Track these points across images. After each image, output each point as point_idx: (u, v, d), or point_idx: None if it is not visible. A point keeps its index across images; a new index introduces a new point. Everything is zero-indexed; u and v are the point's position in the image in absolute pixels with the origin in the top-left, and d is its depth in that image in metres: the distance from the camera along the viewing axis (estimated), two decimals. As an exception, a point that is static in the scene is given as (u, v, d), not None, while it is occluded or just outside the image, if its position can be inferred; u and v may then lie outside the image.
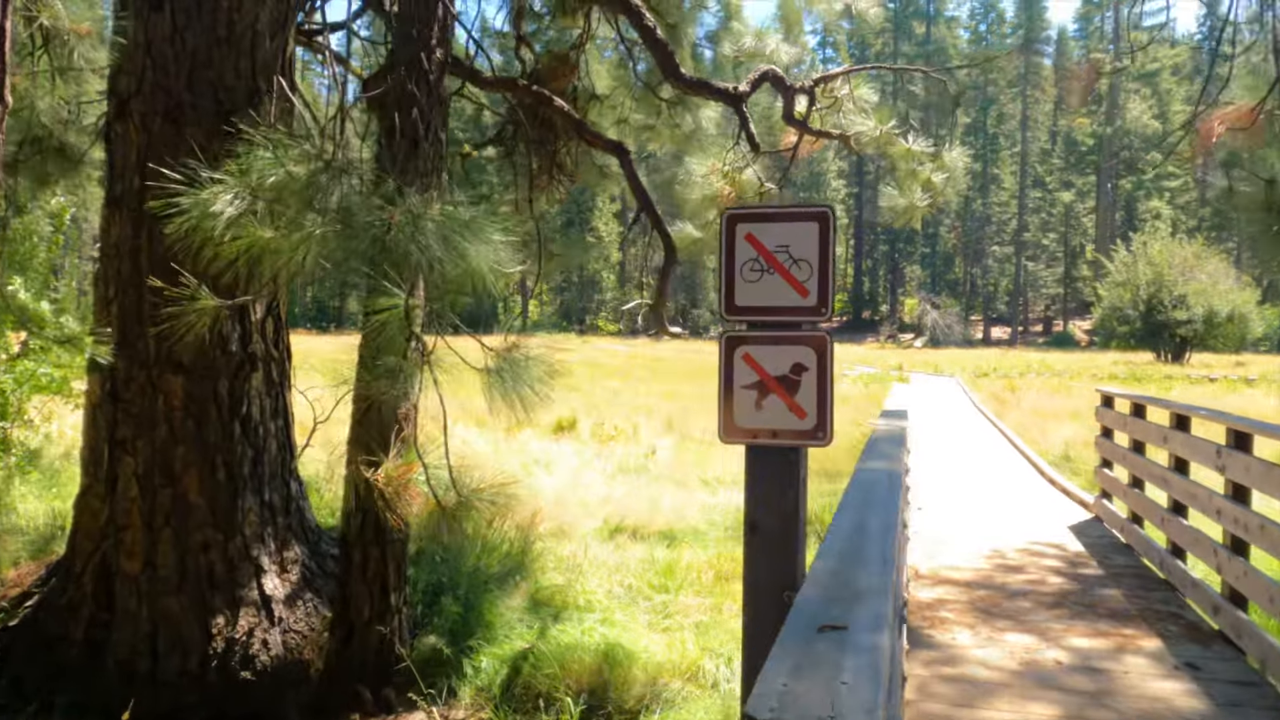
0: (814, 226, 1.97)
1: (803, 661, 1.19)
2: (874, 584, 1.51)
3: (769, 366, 1.85)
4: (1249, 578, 4.37)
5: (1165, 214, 76.53)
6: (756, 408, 1.85)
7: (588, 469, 11.96)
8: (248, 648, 5.62)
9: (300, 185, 3.15)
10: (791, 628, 1.32)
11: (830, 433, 1.85)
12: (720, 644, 5.96)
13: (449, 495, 3.62)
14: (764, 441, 1.83)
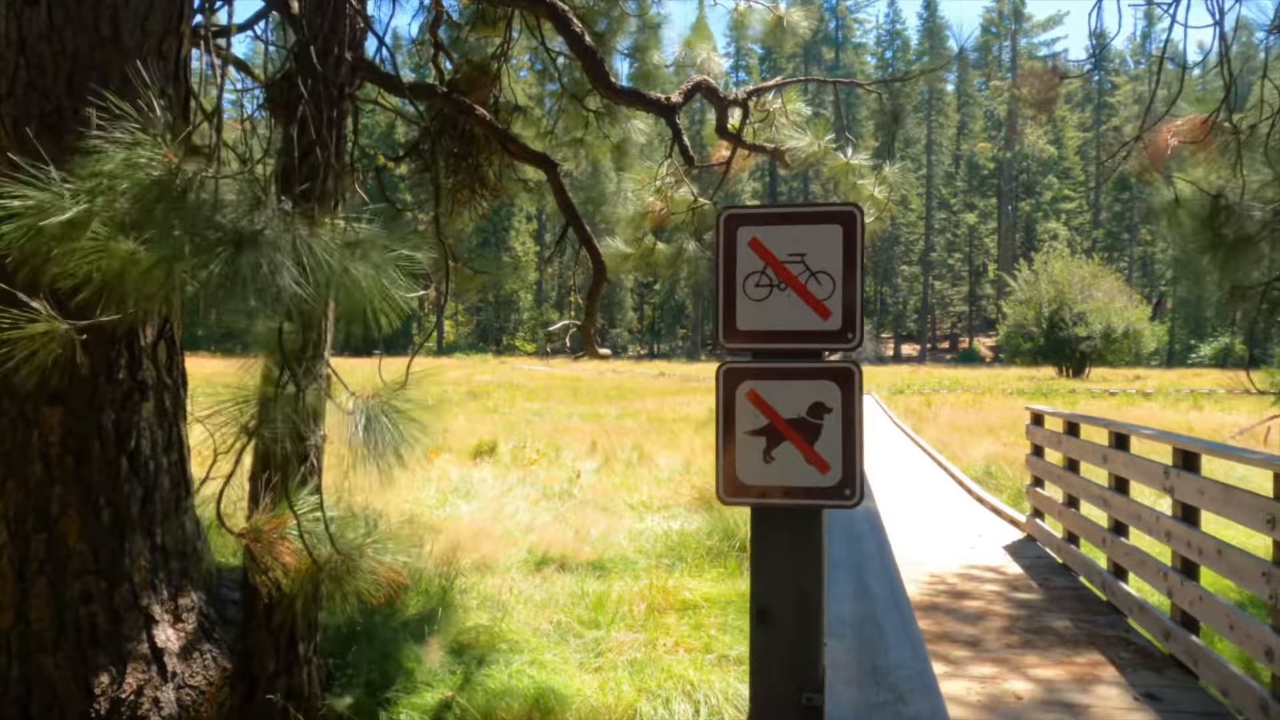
0: (837, 230, 1.59)
1: None
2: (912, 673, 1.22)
3: (781, 407, 1.51)
4: (1204, 603, 4.26)
5: (1062, 235, 79.98)
6: (765, 459, 1.50)
7: (510, 495, 11.53)
8: (136, 708, 5.04)
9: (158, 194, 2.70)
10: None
11: (860, 490, 1.50)
12: (657, 684, 5.63)
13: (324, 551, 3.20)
14: (775, 502, 1.48)
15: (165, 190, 2.56)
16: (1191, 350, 69.66)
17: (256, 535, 3.03)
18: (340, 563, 3.17)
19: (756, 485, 1.47)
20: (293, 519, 3.16)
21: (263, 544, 3.02)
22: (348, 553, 3.17)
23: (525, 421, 20.41)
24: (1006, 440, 16.53)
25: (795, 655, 1.36)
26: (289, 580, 3.11)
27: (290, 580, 3.11)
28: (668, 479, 12.92)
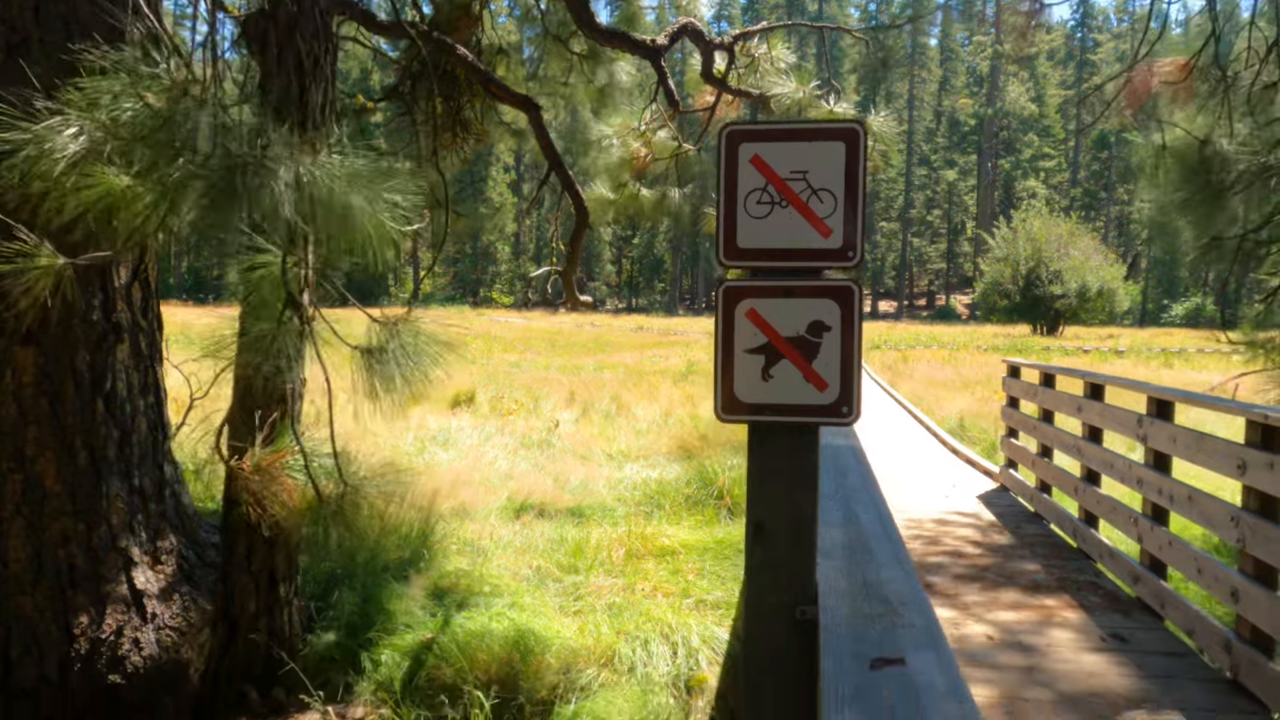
0: (839, 148, 1.56)
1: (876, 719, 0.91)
2: (904, 589, 1.25)
3: (780, 325, 1.50)
4: (1173, 548, 4.36)
5: (1041, 193, 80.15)
6: (763, 378, 1.50)
7: (488, 444, 11.54)
8: (116, 648, 5.05)
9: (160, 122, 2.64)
10: (837, 666, 1.04)
11: (858, 408, 1.51)
12: (635, 626, 5.71)
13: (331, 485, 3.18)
14: (773, 419, 1.49)
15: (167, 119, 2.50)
16: (1164, 310, 70.54)
17: (256, 470, 3.01)
18: (343, 496, 3.16)
19: (754, 403, 1.47)
20: (292, 453, 3.13)
21: (263, 478, 3.00)
22: (353, 486, 3.17)
23: (503, 372, 20.38)
24: (981, 396, 16.71)
25: (790, 570, 1.38)
26: (289, 515, 3.09)
27: (291, 515, 3.10)
28: (646, 429, 12.98)
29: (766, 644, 1.39)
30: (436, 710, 4.89)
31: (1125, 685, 3.81)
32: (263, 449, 3.22)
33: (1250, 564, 3.67)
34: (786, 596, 1.37)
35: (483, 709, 4.79)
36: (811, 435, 1.46)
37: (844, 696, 0.99)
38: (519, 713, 4.93)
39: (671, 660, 5.45)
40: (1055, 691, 3.78)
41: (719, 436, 11.56)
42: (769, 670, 1.37)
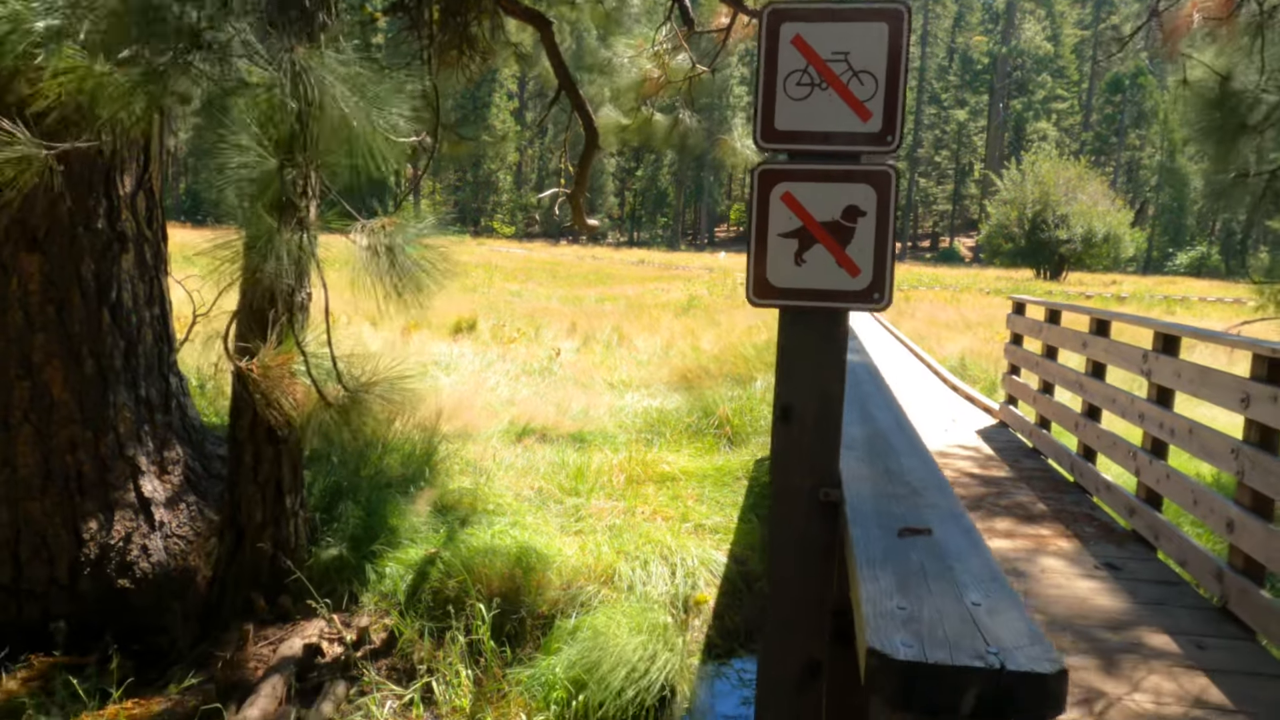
0: (882, 29, 1.51)
1: (906, 577, 0.94)
2: (925, 475, 1.26)
3: (815, 210, 1.48)
4: (1171, 480, 4.41)
5: (1051, 135, 79.02)
6: (796, 262, 1.49)
7: (490, 370, 11.58)
8: (125, 554, 5.14)
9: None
10: (865, 534, 1.06)
11: (889, 294, 1.51)
12: (635, 547, 5.80)
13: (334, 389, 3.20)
14: (804, 304, 1.49)
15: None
16: (1169, 258, 70.19)
17: (264, 371, 3.02)
18: (346, 400, 3.18)
19: (786, 287, 1.47)
20: (297, 358, 3.14)
21: (271, 379, 3.01)
22: (355, 391, 3.18)
23: (504, 301, 20.35)
24: (982, 336, 16.72)
25: (815, 452, 1.39)
26: (297, 414, 3.11)
27: (298, 415, 3.12)
28: (647, 360, 13.01)
29: (791, 524, 1.41)
30: (440, 621, 4.99)
31: (1115, 610, 3.89)
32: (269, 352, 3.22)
33: (1248, 495, 3.72)
34: (811, 479, 1.39)
35: (485, 621, 4.89)
36: (842, 321, 1.46)
37: (875, 559, 1.01)
38: (520, 625, 5.03)
39: (670, 580, 5.55)
40: (1046, 615, 3.86)
41: (720, 369, 11.60)
42: (793, 548, 1.40)
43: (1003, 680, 0.77)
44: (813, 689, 1.35)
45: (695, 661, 5.03)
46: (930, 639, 0.81)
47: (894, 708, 0.79)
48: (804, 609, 1.39)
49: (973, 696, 0.77)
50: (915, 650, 0.79)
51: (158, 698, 4.46)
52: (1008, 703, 0.77)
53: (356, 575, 5.33)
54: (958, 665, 0.78)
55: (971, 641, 0.81)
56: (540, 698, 4.47)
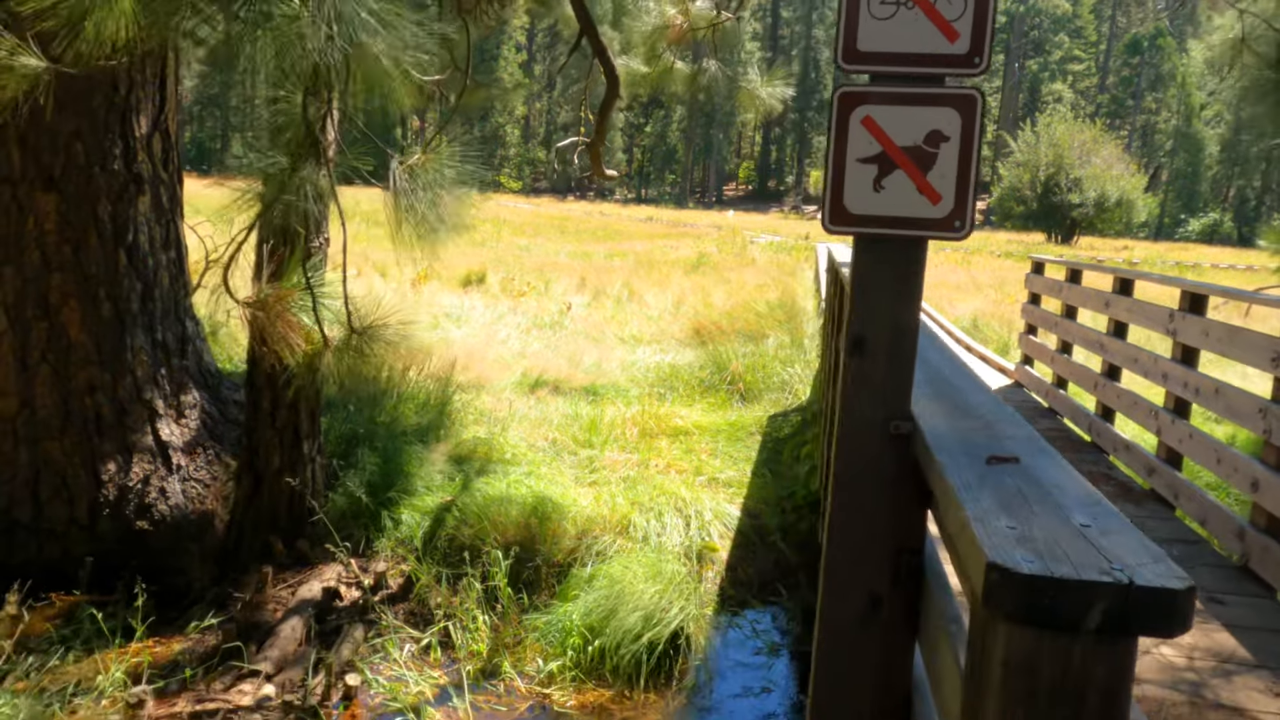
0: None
1: (1006, 500, 0.92)
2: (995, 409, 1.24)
3: (896, 134, 1.42)
4: (1193, 440, 4.39)
5: (1066, 97, 77.97)
6: (875, 188, 1.44)
7: (501, 323, 11.55)
8: (143, 496, 5.16)
9: None
10: (953, 461, 1.04)
11: (970, 223, 1.47)
12: (650, 499, 5.81)
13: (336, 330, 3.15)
14: (880, 232, 1.45)
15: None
16: (1181, 224, 69.57)
17: (261, 305, 2.96)
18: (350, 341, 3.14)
19: (863, 214, 1.43)
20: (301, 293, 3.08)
21: (267, 316, 2.96)
22: (360, 332, 3.14)
23: (513, 255, 20.25)
24: (993, 298, 16.62)
25: (887, 385, 1.37)
26: (294, 355, 3.06)
27: (296, 357, 3.08)
28: (658, 316, 12.96)
29: (859, 456, 1.39)
30: (456, 568, 5.02)
31: (1137, 567, 3.90)
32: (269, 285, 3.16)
33: (1274, 454, 3.70)
34: (882, 411, 1.37)
35: (501, 568, 4.92)
36: (920, 250, 1.43)
37: (971, 483, 0.99)
38: (536, 573, 5.06)
39: (684, 532, 5.57)
40: (1068, 570, 3.87)
41: (732, 325, 11.56)
42: (862, 481, 1.38)
43: (1131, 595, 0.76)
44: (875, 624, 1.34)
45: (709, 612, 5.06)
46: (1050, 555, 0.80)
47: (1016, 623, 0.77)
48: (869, 543, 1.38)
49: (1099, 612, 0.76)
50: (1038, 565, 0.77)
51: (178, 637, 4.51)
52: (1136, 618, 0.76)
53: (373, 521, 5.36)
54: (1084, 579, 0.77)
55: (1093, 558, 0.80)
56: (557, 644, 4.51)
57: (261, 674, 4.02)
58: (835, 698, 1.44)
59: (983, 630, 0.83)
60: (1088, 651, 0.78)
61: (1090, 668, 0.77)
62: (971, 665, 0.87)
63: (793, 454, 6.87)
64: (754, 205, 75.63)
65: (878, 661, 1.39)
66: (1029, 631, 0.78)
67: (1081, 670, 0.78)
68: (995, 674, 0.80)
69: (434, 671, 4.36)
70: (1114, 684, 0.78)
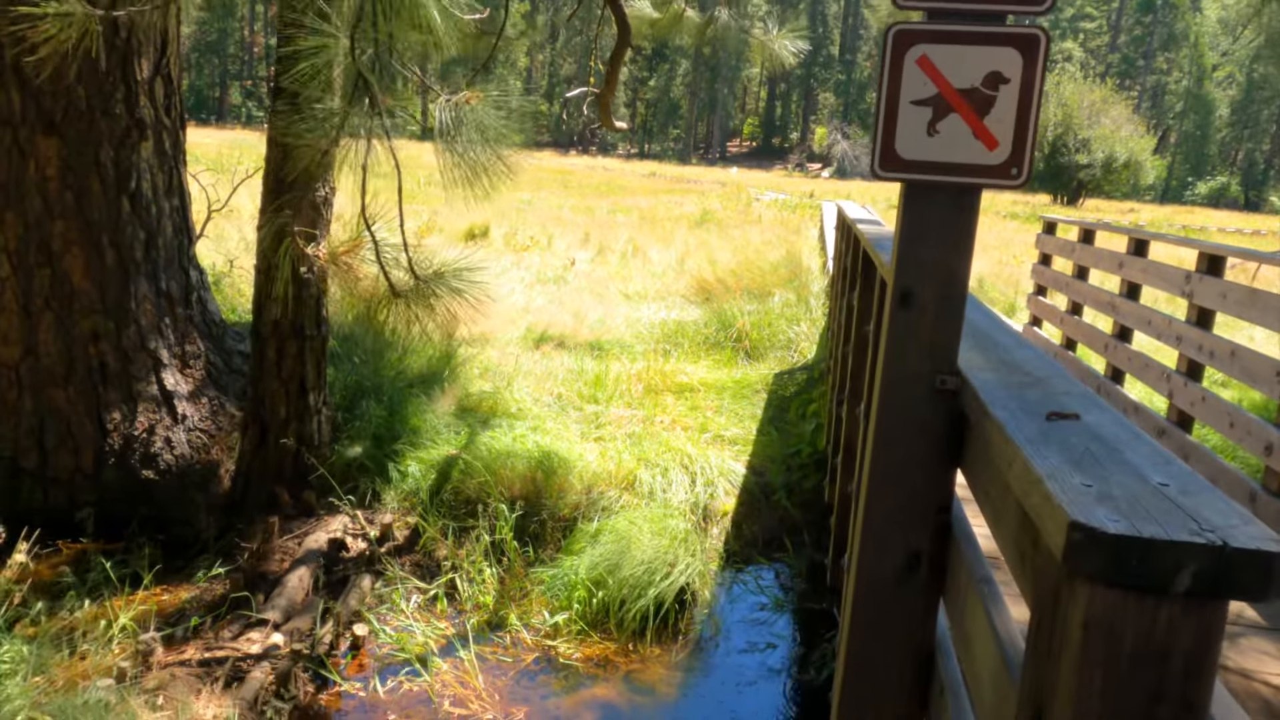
0: None
1: (1075, 458, 0.88)
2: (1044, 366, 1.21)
3: (953, 75, 1.36)
4: (1206, 403, 4.36)
5: (1077, 56, 76.90)
6: (929, 132, 1.38)
7: (505, 277, 11.47)
8: (149, 446, 5.16)
9: None
10: (1012, 417, 1.01)
11: (1028, 170, 1.41)
12: (655, 455, 5.80)
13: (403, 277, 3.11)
14: (933, 178, 1.38)
15: None
16: (1188, 187, 69.01)
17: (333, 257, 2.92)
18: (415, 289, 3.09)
19: (915, 159, 1.37)
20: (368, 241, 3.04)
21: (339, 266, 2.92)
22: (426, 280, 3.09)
23: (515, 210, 20.08)
24: (999, 259, 16.51)
25: (934, 338, 1.33)
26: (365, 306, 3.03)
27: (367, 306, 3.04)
28: (662, 273, 12.88)
29: (904, 411, 1.35)
30: (462, 521, 5.03)
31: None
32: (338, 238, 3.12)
33: (1289, 419, 3.68)
34: (929, 365, 1.33)
35: (507, 522, 4.92)
36: (974, 198, 1.37)
37: (1034, 439, 0.96)
38: (542, 527, 5.07)
39: (690, 489, 5.57)
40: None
41: (737, 283, 11.49)
42: (905, 437, 1.35)
43: (1225, 557, 0.73)
44: (913, 582, 1.32)
45: (714, 567, 5.08)
46: (1134, 514, 0.76)
47: (1103, 584, 0.74)
48: (910, 500, 1.35)
49: (1189, 574, 0.73)
50: (1124, 525, 0.74)
51: (185, 585, 4.52)
52: (1228, 581, 0.73)
53: (379, 473, 5.36)
54: (1174, 540, 0.74)
55: (1179, 519, 0.77)
56: (563, 597, 4.52)
57: (269, 623, 4.03)
58: (869, 654, 1.43)
59: (1055, 593, 0.80)
60: (1175, 615, 0.75)
61: (1176, 632, 0.75)
62: (1039, 629, 0.84)
63: (799, 412, 6.85)
64: (758, 162, 74.90)
65: (910, 618, 1.37)
66: (1114, 593, 0.75)
67: (1167, 634, 0.75)
68: (1074, 636, 0.78)
69: (440, 622, 4.38)
70: (1200, 649, 0.75)
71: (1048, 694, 0.82)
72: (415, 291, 3.13)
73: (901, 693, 1.40)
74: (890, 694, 1.41)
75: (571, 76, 69.99)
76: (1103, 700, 0.77)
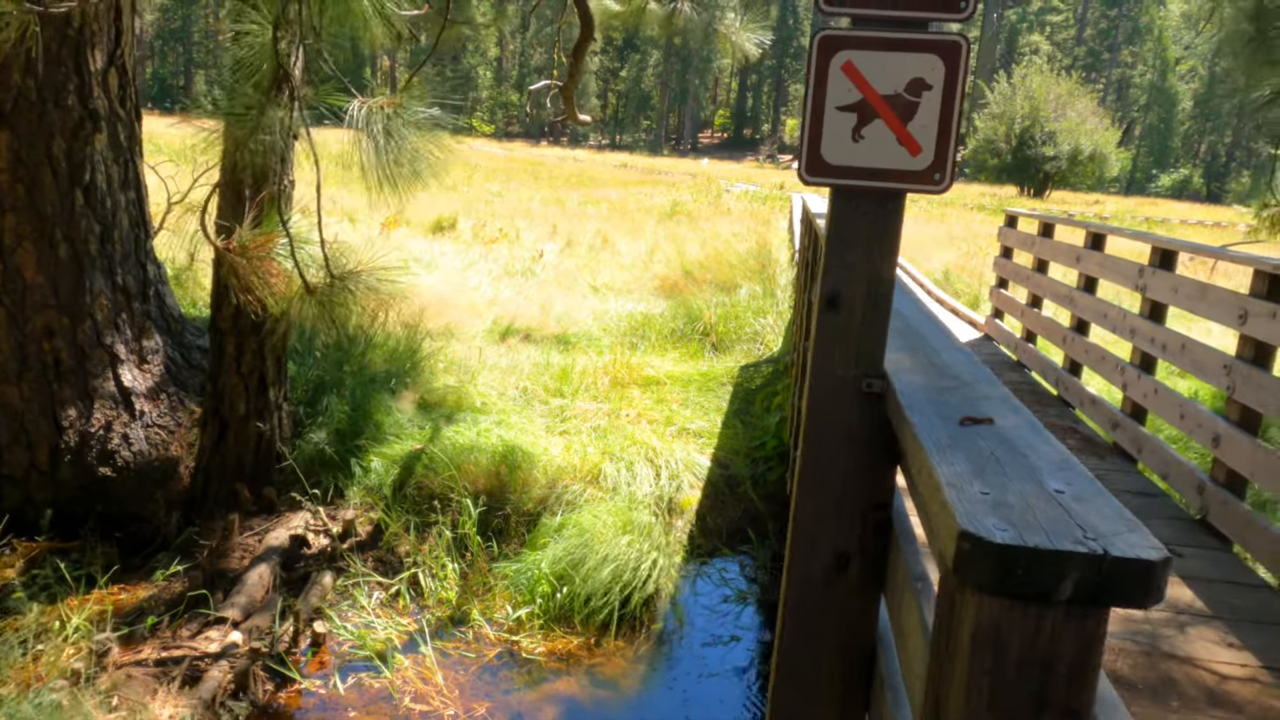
0: None
1: (980, 464, 0.90)
2: (970, 368, 1.22)
3: (877, 82, 1.37)
4: (1158, 395, 4.44)
5: (1044, 49, 77.64)
6: (854, 138, 1.39)
7: (472, 270, 11.42)
8: (106, 443, 5.08)
9: None
10: (926, 421, 1.02)
11: (950, 176, 1.43)
12: (620, 449, 5.82)
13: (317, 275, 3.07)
14: (858, 184, 1.40)
15: None
16: (1152, 179, 70.01)
17: (243, 250, 2.88)
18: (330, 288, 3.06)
19: (841, 165, 1.38)
20: (281, 237, 3.00)
21: (249, 261, 2.88)
22: (341, 278, 3.06)
23: (485, 201, 19.98)
24: (966, 251, 16.67)
25: (860, 342, 1.34)
26: (276, 303, 3.00)
27: (277, 303, 3.01)
28: (631, 265, 12.88)
29: (830, 414, 1.37)
30: (425, 516, 5.01)
31: (1099, 519, 3.97)
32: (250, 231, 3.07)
33: (1236, 410, 3.75)
34: (856, 369, 1.34)
35: (471, 517, 4.91)
36: (898, 203, 1.39)
37: (943, 445, 0.97)
38: (506, 522, 5.07)
39: (655, 482, 5.58)
40: (1032, 522, 3.93)
41: (705, 275, 11.52)
42: (832, 439, 1.36)
43: (1105, 566, 0.74)
44: (842, 581, 1.34)
45: (679, 560, 5.10)
46: (1023, 524, 0.78)
47: (987, 593, 0.76)
48: (838, 501, 1.36)
49: (1071, 583, 0.75)
50: (1011, 534, 0.76)
51: (143, 584, 4.47)
52: (1109, 589, 0.75)
53: (341, 469, 5.32)
54: (1058, 549, 0.75)
55: (1067, 527, 0.78)
56: (526, 591, 4.52)
57: (228, 621, 4.00)
58: (802, 652, 1.45)
59: (951, 598, 0.82)
60: (1058, 623, 0.77)
61: (1060, 639, 0.77)
62: (938, 632, 0.86)
63: (764, 405, 6.89)
64: (729, 153, 75.01)
65: (844, 617, 1.39)
66: (999, 602, 0.77)
67: (1051, 642, 0.77)
68: (963, 643, 0.79)
69: (402, 619, 4.36)
70: (1083, 656, 0.77)
71: (943, 699, 0.84)
72: (330, 289, 3.10)
73: (833, 692, 1.42)
74: (820, 694, 1.43)
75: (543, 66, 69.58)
76: (990, 708, 0.79)
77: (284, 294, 3.42)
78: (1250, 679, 2.77)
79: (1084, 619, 0.77)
